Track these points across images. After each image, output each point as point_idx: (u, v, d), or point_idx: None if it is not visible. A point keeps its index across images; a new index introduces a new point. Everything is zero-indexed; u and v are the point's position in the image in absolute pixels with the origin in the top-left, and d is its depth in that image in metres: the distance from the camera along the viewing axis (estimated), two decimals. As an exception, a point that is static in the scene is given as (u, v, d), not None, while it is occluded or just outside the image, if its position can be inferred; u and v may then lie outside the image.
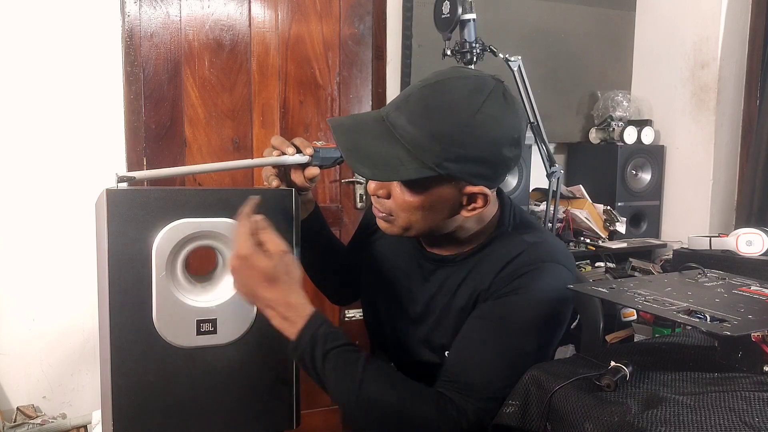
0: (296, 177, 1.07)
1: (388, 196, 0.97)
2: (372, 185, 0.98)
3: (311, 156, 1.05)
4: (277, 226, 0.96)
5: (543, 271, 0.99)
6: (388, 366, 1.09)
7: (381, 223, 1.01)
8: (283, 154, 1.04)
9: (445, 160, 0.88)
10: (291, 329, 0.91)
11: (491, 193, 0.96)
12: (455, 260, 1.05)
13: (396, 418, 0.92)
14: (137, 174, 0.94)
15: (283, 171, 1.08)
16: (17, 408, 2.08)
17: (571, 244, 2.54)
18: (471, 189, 0.93)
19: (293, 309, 0.91)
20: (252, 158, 2.32)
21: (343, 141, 0.93)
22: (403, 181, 0.93)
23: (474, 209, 0.96)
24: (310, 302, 0.93)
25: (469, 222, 1.02)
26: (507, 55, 2.18)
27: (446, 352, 1.02)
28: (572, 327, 1.31)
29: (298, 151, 1.05)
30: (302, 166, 1.06)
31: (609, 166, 2.72)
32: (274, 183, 1.06)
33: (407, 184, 0.93)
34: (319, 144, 1.07)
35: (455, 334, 1.01)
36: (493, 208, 1.05)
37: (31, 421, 2.03)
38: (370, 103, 2.50)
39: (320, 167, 1.07)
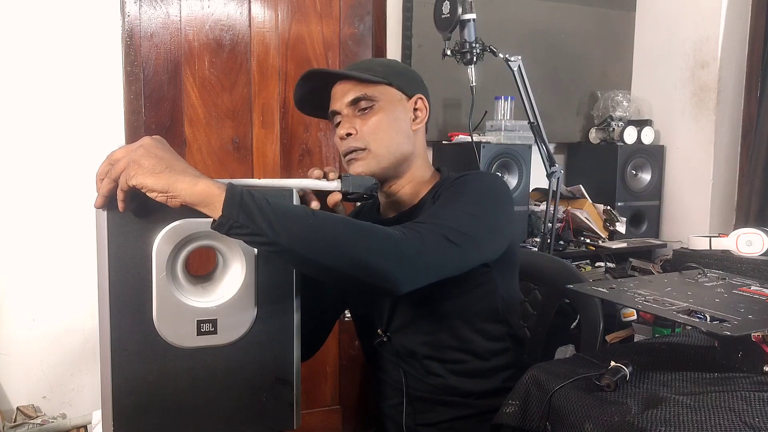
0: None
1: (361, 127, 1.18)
2: (345, 126, 1.16)
3: (336, 180, 1.02)
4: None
5: (480, 172, 1.23)
6: None
7: (356, 166, 1.16)
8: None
9: (388, 75, 1.20)
10: (218, 188, 0.88)
11: (427, 103, 1.24)
12: (405, 216, 1.17)
13: (351, 229, 0.91)
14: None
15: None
16: (17, 408, 2.08)
17: (571, 244, 2.54)
18: (412, 102, 1.22)
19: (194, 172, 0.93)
20: (252, 158, 2.34)
21: (324, 69, 1.27)
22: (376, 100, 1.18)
23: (420, 121, 1.23)
24: None
25: (417, 164, 1.22)
26: (507, 55, 2.18)
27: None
28: (572, 327, 1.31)
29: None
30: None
31: (609, 166, 2.72)
32: (316, 173, 1.05)
33: (371, 98, 1.17)
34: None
35: None
36: (433, 175, 1.26)
37: (31, 421, 2.03)
38: (370, 103, 2.50)
39: (345, 195, 1.03)
